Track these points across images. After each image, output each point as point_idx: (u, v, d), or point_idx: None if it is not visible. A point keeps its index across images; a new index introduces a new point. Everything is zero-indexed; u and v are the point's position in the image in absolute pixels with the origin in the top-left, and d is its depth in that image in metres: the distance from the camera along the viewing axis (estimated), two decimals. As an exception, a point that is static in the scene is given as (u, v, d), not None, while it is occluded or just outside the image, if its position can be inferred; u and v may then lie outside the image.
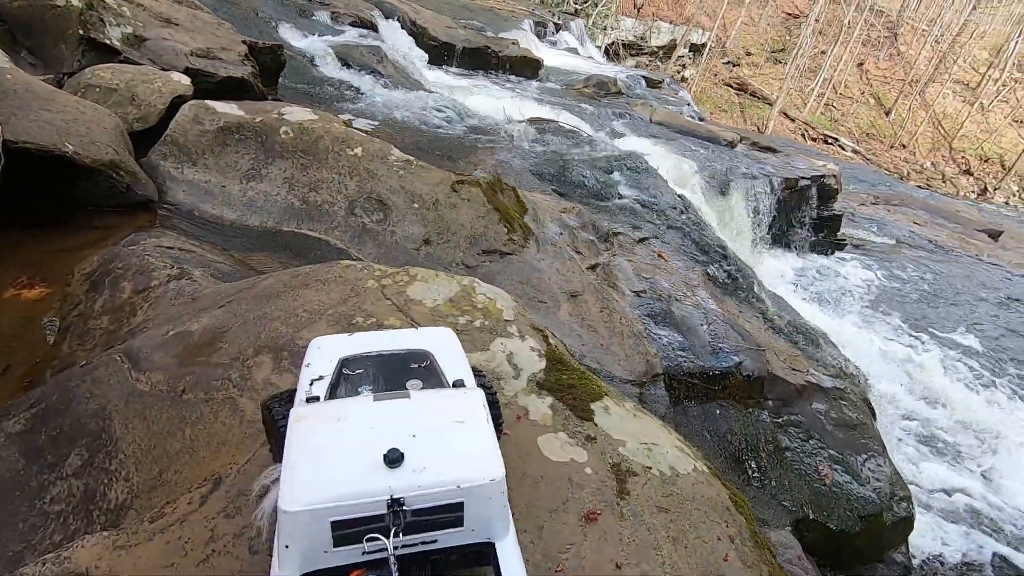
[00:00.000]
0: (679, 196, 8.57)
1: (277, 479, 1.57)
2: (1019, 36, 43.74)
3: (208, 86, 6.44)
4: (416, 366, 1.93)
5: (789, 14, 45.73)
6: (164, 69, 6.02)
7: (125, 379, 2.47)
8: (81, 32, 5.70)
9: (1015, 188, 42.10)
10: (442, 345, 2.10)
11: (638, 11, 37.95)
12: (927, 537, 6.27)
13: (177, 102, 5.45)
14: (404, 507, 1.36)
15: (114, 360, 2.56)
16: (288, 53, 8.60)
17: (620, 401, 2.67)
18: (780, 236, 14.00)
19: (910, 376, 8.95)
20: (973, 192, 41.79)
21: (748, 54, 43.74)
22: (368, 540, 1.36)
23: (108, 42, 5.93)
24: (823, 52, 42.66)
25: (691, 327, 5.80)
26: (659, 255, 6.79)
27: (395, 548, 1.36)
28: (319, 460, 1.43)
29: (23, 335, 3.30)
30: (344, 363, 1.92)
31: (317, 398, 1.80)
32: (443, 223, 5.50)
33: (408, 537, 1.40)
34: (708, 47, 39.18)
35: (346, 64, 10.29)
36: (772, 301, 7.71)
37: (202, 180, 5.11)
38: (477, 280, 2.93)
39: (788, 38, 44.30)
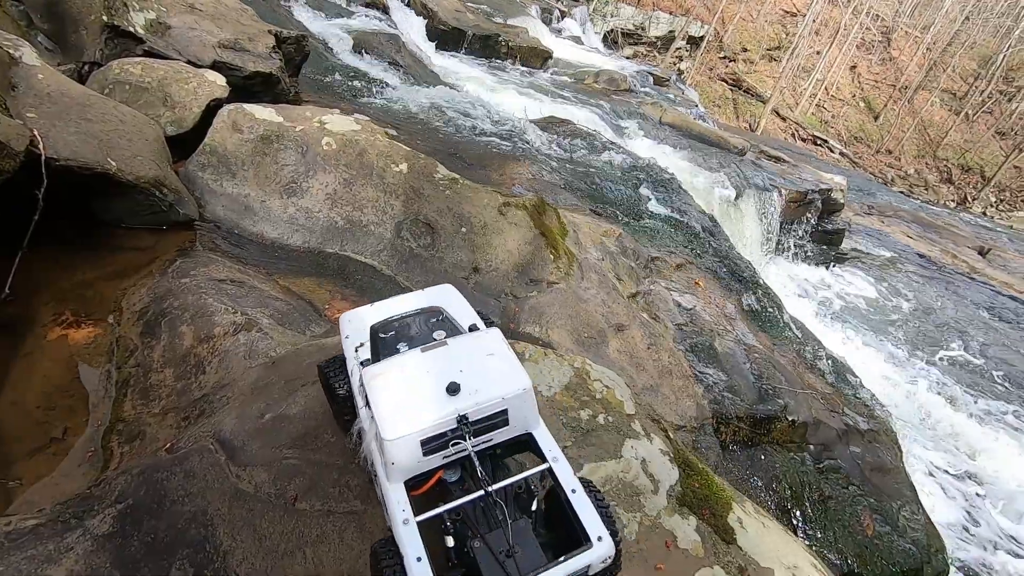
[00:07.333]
0: (707, 215, 8.43)
1: (362, 428, 2.06)
2: (1007, 49, 44.48)
3: (236, 81, 6.01)
4: (435, 320, 2.28)
5: (787, 12, 45.65)
6: (192, 63, 5.59)
7: (224, 475, 2.22)
8: (105, 19, 5.23)
9: (992, 199, 43.12)
10: (448, 300, 2.49)
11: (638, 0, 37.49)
12: None
13: (212, 105, 5.06)
14: (468, 420, 1.82)
15: (207, 449, 2.31)
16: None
17: (742, 503, 2.52)
18: (785, 247, 14.08)
19: (919, 407, 9.07)
20: (952, 201, 42.69)
21: (744, 50, 43.62)
22: (452, 445, 1.84)
23: (132, 29, 5.46)
24: (818, 53, 42.83)
25: (734, 365, 5.70)
26: (697, 283, 6.65)
27: (472, 447, 1.84)
28: (401, 401, 1.86)
29: (75, 388, 3.00)
30: (376, 330, 2.22)
31: (369, 360, 2.12)
32: (491, 249, 5.25)
33: (474, 440, 1.87)
34: (706, 40, 38.96)
35: (363, 52, 9.81)
36: (796, 327, 7.67)
37: (242, 194, 4.75)
38: (588, 362, 2.73)
39: (784, 36, 44.27)
